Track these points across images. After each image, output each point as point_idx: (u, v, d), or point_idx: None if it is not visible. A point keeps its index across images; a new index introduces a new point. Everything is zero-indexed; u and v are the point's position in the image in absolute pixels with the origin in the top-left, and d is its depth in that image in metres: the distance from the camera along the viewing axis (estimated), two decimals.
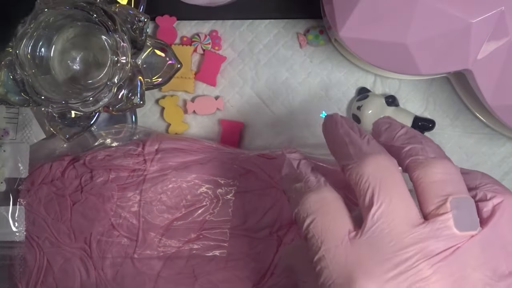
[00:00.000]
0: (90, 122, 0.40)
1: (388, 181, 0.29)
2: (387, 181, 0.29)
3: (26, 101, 0.39)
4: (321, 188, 0.31)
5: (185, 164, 0.45)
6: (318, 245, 0.29)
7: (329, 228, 0.29)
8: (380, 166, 0.30)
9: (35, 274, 0.44)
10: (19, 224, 0.44)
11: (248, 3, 0.48)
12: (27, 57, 0.37)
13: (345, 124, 0.33)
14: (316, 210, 0.30)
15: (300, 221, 0.31)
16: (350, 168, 0.30)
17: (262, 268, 0.44)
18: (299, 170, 0.33)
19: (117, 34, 0.36)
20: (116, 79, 0.37)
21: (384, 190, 0.29)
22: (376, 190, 0.29)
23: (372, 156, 0.30)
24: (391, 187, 0.29)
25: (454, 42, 0.36)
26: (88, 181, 0.45)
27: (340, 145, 0.32)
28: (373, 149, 0.30)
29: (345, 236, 0.29)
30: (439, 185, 0.29)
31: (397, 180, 0.29)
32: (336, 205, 0.30)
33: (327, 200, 0.30)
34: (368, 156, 0.30)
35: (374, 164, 0.30)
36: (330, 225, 0.29)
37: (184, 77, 0.48)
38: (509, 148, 0.48)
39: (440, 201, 0.29)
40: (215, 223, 0.44)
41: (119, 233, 0.44)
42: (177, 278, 0.44)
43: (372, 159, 0.30)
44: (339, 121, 0.33)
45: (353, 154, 0.31)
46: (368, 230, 0.28)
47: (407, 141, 0.32)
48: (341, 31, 0.38)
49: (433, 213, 0.29)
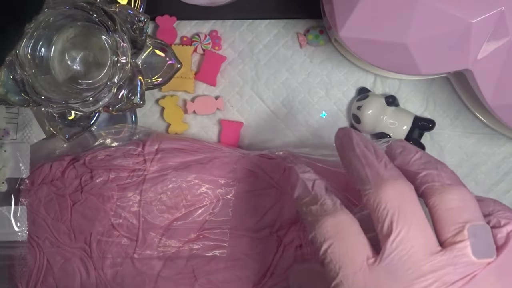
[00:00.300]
0: (90, 122, 0.40)
1: (406, 208, 0.29)
2: (405, 208, 0.29)
3: (26, 101, 0.39)
4: (338, 212, 0.31)
5: (185, 164, 0.45)
6: (336, 271, 0.29)
7: (347, 254, 0.29)
8: (399, 193, 0.30)
9: (35, 274, 0.44)
10: (21, 224, 0.44)
11: (248, 3, 0.48)
12: (27, 57, 0.37)
13: (361, 143, 0.32)
14: (333, 235, 0.30)
15: (317, 245, 0.30)
16: (367, 194, 0.30)
17: (262, 268, 0.44)
18: (314, 192, 0.33)
19: (117, 34, 0.36)
20: (116, 79, 0.37)
21: (403, 217, 0.29)
22: (394, 217, 0.29)
23: (390, 183, 0.30)
24: (410, 214, 0.29)
25: (454, 42, 0.36)
26: (88, 181, 0.45)
27: (356, 166, 0.32)
28: (391, 175, 0.30)
29: (364, 263, 0.29)
30: (455, 212, 0.29)
31: (415, 207, 0.29)
32: (354, 229, 0.30)
33: (344, 224, 0.30)
34: (386, 182, 0.30)
35: (392, 191, 0.30)
36: (348, 250, 0.29)
37: (184, 77, 0.48)
38: (509, 148, 0.48)
39: (457, 228, 0.29)
40: (215, 223, 0.44)
41: (119, 233, 0.44)
42: (177, 278, 0.44)
43: (390, 185, 0.30)
44: (354, 140, 0.33)
45: (371, 178, 0.31)
46: (387, 257, 0.28)
47: (423, 166, 0.32)
48: (341, 31, 0.38)
49: (450, 241, 0.29)
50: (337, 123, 0.48)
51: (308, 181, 0.34)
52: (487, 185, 0.48)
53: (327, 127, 0.48)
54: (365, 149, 0.32)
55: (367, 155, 0.32)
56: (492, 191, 0.48)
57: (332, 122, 0.48)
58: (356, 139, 0.33)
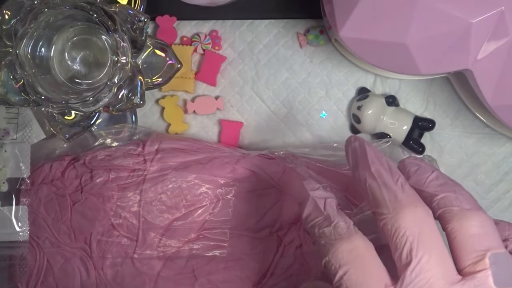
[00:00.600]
0: (90, 122, 0.40)
1: (426, 236, 0.28)
2: (425, 235, 0.28)
3: (26, 101, 0.39)
4: (353, 236, 0.30)
5: (185, 164, 0.45)
6: None
7: (365, 282, 0.28)
8: (418, 220, 0.29)
9: (35, 274, 0.44)
10: (23, 223, 0.44)
11: (248, 3, 0.48)
12: (27, 57, 0.37)
13: (376, 161, 0.31)
14: (349, 261, 0.29)
15: (331, 271, 0.30)
16: (385, 218, 0.29)
17: (262, 268, 0.44)
18: (327, 213, 0.31)
19: (117, 34, 0.36)
20: (116, 79, 0.37)
21: (423, 245, 0.28)
22: (414, 245, 0.28)
23: (409, 209, 0.29)
24: (429, 242, 0.28)
25: (454, 42, 0.36)
26: (88, 181, 0.45)
27: (371, 186, 0.31)
28: (410, 199, 0.29)
29: None
30: (475, 239, 0.29)
31: (435, 234, 0.29)
32: (371, 255, 0.29)
33: (361, 250, 0.29)
34: (405, 207, 0.29)
35: (412, 217, 0.29)
36: (366, 278, 0.29)
37: (184, 77, 0.48)
38: (509, 148, 0.48)
39: (478, 256, 0.28)
40: (215, 223, 0.44)
41: (119, 233, 0.44)
42: (177, 278, 0.44)
43: (409, 211, 0.29)
44: (369, 156, 0.32)
45: (388, 202, 0.30)
46: (406, 287, 0.28)
47: (440, 188, 0.31)
48: (341, 31, 0.38)
49: (470, 269, 0.28)
50: (337, 123, 0.48)
51: (319, 199, 0.32)
52: (487, 185, 0.48)
53: (327, 127, 0.48)
54: (380, 167, 0.31)
55: (382, 175, 0.31)
56: (492, 191, 0.48)
57: (332, 122, 0.48)
58: (371, 155, 0.32)
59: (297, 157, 0.45)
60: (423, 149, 0.46)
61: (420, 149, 0.46)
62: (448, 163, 0.48)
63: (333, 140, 0.48)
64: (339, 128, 0.48)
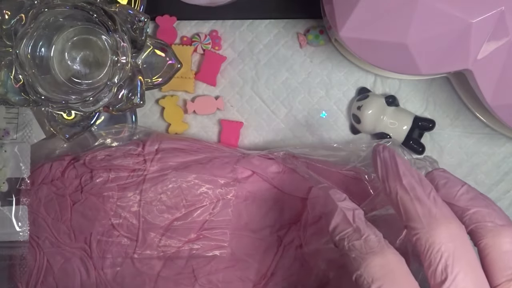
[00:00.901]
0: (90, 122, 0.40)
1: (461, 252, 0.28)
2: (460, 252, 0.28)
3: (26, 101, 0.39)
4: (385, 251, 0.30)
5: (185, 164, 0.45)
6: None
7: None
8: (453, 236, 0.29)
9: (35, 274, 0.44)
10: (23, 223, 0.44)
11: (248, 3, 0.48)
12: (27, 57, 0.37)
13: (407, 173, 0.31)
14: (382, 276, 0.29)
15: (363, 285, 0.29)
16: (418, 233, 0.29)
17: (262, 268, 0.44)
18: (356, 225, 0.31)
19: (117, 34, 0.36)
20: (116, 79, 0.37)
21: (458, 262, 0.28)
22: (449, 262, 0.28)
23: (444, 225, 0.29)
24: (464, 258, 0.28)
25: (454, 42, 0.36)
26: (88, 181, 0.45)
27: (403, 199, 0.30)
28: (444, 215, 0.29)
29: None
30: (510, 256, 0.29)
31: (470, 251, 0.29)
32: (404, 271, 0.29)
33: (394, 265, 0.29)
34: (440, 223, 0.29)
35: (447, 234, 0.29)
36: None
37: (184, 77, 0.48)
38: (509, 148, 0.48)
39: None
40: (215, 223, 0.44)
41: (119, 233, 0.44)
42: (177, 278, 0.44)
43: (444, 227, 0.29)
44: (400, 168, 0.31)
45: (422, 216, 0.29)
46: None
47: (471, 203, 0.31)
48: (341, 31, 0.38)
49: (504, 286, 0.28)
50: (337, 123, 0.48)
51: (348, 210, 0.32)
52: (487, 185, 0.48)
53: (327, 127, 0.48)
54: (412, 180, 0.31)
55: (415, 188, 0.30)
56: (492, 191, 0.48)
57: (332, 122, 0.48)
58: (402, 167, 0.31)
59: (297, 157, 0.45)
60: (423, 149, 0.46)
61: (420, 149, 0.46)
62: (448, 163, 0.48)
63: (333, 140, 0.48)
64: (339, 128, 0.48)
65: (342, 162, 0.44)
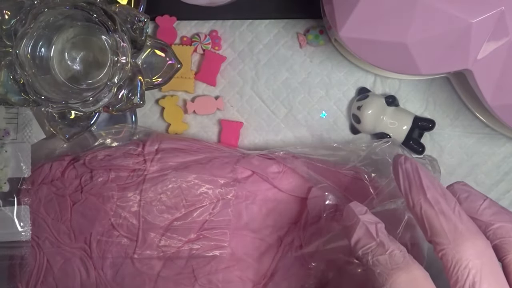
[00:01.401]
0: (90, 122, 0.40)
1: (488, 269, 0.28)
2: (487, 268, 0.28)
3: (26, 101, 0.39)
4: (411, 266, 0.29)
5: (185, 164, 0.45)
6: None
7: None
8: (480, 252, 0.29)
9: (35, 274, 0.44)
10: (25, 223, 0.44)
11: (248, 3, 0.48)
12: (27, 57, 0.37)
13: (431, 186, 0.31)
14: None
15: None
16: (444, 249, 0.29)
17: (262, 268, 0.44)
18: (379, 239, 0.31)
19: (117, 34, 0.36)
20: (116, 79, 0.37)
21: (486, 279, 0.28)
22: (477, 278, 0.28)
23: (471, 241, 0.29)
24: (492, 275, 0.28)
25: (454, 42, 0.36)
26: (88, 181, 0.45)
27: (428, 213, 0.30)
28: (470, 230, 0.29)
29: None
30: None
31: (497, 267, 0.29)
32: (429, 286, 0.29)
33: (420, 280, 0.29)
34: (466, 240, 0.29)
35: (474, 250, 0.29)
36: None
37: (184, 77, 0.48)
38: (509, 148, 0.48)
39: None
40: (215, 223, 0.44)
41: (119, 233, 0.44)
42: (177, 278, 0.44)
43: (471, 244, 0.29)
44: (424, 181, 0.31)
45: (448, 232, 0.29)
46: None
47: (494, 217, 0.31)
48: (341, 31, 0.38)
49: None
50: (337, 123, 0.48)
51: (370, 224, 0.31)
52: (487, 185, 0.48)
53: (327, 127, 0.49)
54: (436, 193, 0.30)
55: (440, 202, 0.30)
56: (492, 191, 0.48)
57: (332, 122, 0.48)
58: (426, 180, 0.31)
59: (297, 157, 0.45)
60: (423, 149, 0.46)
61: (420, 149, 0.46)
62: (448, 163, 0.48)
63: (333, 140, 0.48)
64: (339, 128, 0.48)
65: (342, 162, 0.44)
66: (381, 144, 0.43)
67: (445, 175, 0.47)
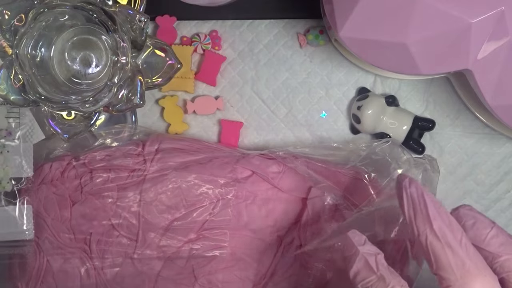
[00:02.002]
0: (90, 122, 0.40)
1: None
2: None
3: (26, 101, 0.39)
4: None
5: (185, 164, 0.45)
6: None
7: None
8: None
9: (35, 274, 0.44)
10: (28, 222, 0.44)
11: (248, 3, 0.48)
12: (27, 57, 0.37)
13: (438, 216, 0.30)
14: None
15: None
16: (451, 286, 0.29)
17: (262, 268, 0.44)
18: (380, 273, 0.30)
19: (117, 34, 0.36)
20: (116, 79, 0.37)
21: None
22: None
23: (479, 280, 0.28)
24: None
25: (454, 42, 0.36)
26: (88, 181, 0.45)
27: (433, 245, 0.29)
28: (478, 267, 0.29)
29: None
30: None
31: None
32: None
33: None
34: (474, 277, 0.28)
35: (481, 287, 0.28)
36: None
37: (184, 77, 0.48)
38: (509, 148, 0.48)
39: None
40: (215, 223, 0.44)
41: (119, 233, 0.44)
42: (177, 278, 0.44)
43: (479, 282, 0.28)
44: (430, 211, 0.30)
45: (455, 267, 0.28)
46: None
47: (502, 249, 0.30)
48: (341, 31, 0.38)
49: None
50: (337, 123, 0.48)
51: (370, 256, 0.30)
52: (487, 185, 0.48)
53: (327, 127, 0.49)
54: (443, 224, 0.29)
55: (446, 235, 0.29)
56: (492, 191, 0.48)
57: (332, 122, 0.48)
58: (432, 208, 0.30)
59: (297, 157, 0.45)
60: (423, 149, 0.46)
61: (420, 149, 0.46)
62: (448, 163, 0.48)
63: (333, 140, 0.48)
64: (339, 128, 0.48)
65: (342, 161, 0.44)
66: (381, 144, 0.43)
67: (445, 175, 0.47)
